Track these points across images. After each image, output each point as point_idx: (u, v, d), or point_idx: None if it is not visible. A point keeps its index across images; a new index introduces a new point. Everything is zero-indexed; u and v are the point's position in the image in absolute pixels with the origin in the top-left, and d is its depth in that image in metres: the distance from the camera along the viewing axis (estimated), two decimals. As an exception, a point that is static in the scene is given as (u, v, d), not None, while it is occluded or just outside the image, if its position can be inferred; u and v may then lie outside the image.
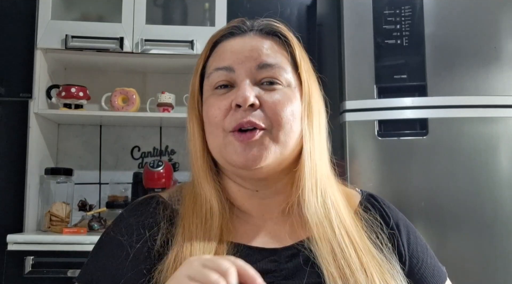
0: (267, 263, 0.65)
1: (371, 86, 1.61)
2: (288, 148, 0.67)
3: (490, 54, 1.58)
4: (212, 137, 0.69)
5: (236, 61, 0.69)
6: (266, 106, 0.67)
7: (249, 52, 0.69)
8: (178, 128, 2.21)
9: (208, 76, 0.71)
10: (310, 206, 0.67)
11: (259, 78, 0.68)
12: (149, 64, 2.10)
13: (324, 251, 0.64)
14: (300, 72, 0.71)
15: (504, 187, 1.51)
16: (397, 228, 0.72)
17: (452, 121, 1.56)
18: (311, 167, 0.68)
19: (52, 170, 1.93)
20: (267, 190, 0.71)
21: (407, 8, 1.62)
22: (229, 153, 0.67)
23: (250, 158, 0.65)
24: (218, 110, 0.68)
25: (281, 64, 0.69)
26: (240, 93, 0.66)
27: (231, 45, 0.71)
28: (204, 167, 0.71)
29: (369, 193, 0.77)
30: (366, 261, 0.64)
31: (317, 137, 0.70)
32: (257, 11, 2.09)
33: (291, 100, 0.68)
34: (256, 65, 0.68)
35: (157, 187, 1.84)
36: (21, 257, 1.58)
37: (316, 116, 0.70)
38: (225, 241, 0.66)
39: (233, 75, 0.69)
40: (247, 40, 0.71)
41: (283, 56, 0.71)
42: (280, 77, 0.69)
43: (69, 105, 1.94)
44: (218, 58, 0.71)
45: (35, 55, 1.88)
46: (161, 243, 0.66)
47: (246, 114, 0.66)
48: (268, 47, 0.70)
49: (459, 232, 1.51)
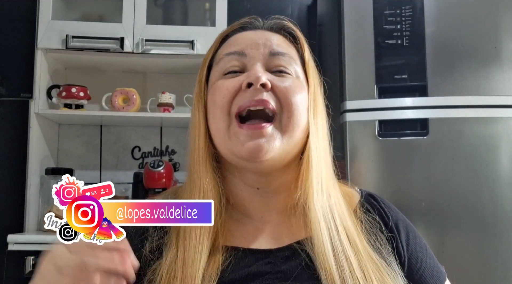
0: (263, 265, 0.64)
1: (371, 86, 1.61)
2: (294, 139, 0.66)
3: (490, 54, 1.58)
4: (215, 122, 0.66)
5: (249, 47, 0.68)
6: (278, 90, 0.66)
7: (261, 40, 0.69)
8: (179, 128, 2.21)
9: (218, 62, 0.70)
10: (316, 203, 0.65)
11: (271, 65, 0.68)
12: (149, 64, 2.10)
13: (324, 252, 0.62)
14: (307, 68, 0.71)
15: (505, 187, 1.51)
16: (397, 229, 0.71)
17: (452, 121, 1.55)
18: (317, 161, 0.67)
19: (53, 170, 1.93)
20: (268, 188, 0.69)
21: (408, 8, 1.62)
22: (234, 143, 0.64)
23: (256, 149, 0.63)
24: (226, 91, 0.66)
25: (291, 55, 0.70)
26: (253, 72, 0.65)
27: (243, 35, 0.71)
28: (205, 157, 0.67)
29: (369, 192, 0.77)
30: (365, 265, 0.63)
31: (321, 133, 0.70)
32: (257, 11, 2.09)
33: (301, 89, 0.68)
34: (269, 52, 0.68)
35: (157, 187, 1.84)
36: (21, 257, 1.58)
37: (320, 114, 0.70)
38: (220, 245, 0.64)
39: (244, 59, 0.68)
40: (259, 33, 0.71)
41: (292, 50, 0.71)
42: (290, 67, 0.68)
43: (69, 105, 1.94)
44: (229, 46, 0.71)
45: (35, 55, 1.88)
46: (150, 250, 0.65)
47: (257, 92, 0.64)
48: (278, 40, 0.71)
49: (459, 231, 1.51)
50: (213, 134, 0.68)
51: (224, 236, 0.65)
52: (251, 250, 0.66)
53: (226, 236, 0.66)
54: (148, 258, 0.64)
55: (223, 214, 0.67)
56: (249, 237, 0.68)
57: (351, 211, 0.70)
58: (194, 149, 0.69)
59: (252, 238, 0.68)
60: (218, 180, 0.67)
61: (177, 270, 0.61)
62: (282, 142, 0.65)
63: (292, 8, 2.20)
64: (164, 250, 0.64)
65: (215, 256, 0.63)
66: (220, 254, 0.63)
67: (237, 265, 0.63)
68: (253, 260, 0.64)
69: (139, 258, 0.64)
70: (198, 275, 0.60)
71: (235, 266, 0.63)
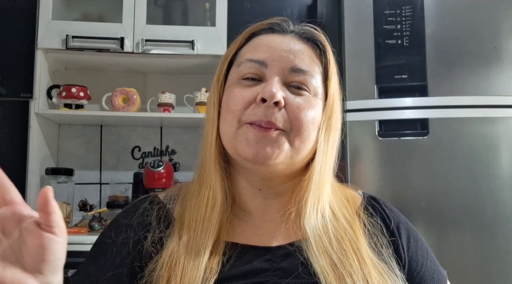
0: (262, 262, 0.65)
1: (371, 86, 1.61)
2: (301, 155, 0.67)
3: (490, 54, 1.58)
4: (225, 124, 0.68)
5: (271, 57, 0.68)
6: (289, 108, 0.66)
7: (285, 52, 0.68)
8: (179, 128, 2.21)
9: (239, 65, 0.70)
10: (310, 220, 0.66)
11: (289, 80, 0.68)
12: (149, 64, 2.10)
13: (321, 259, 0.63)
14: (329, 84, 0.70)
15: (505, 187, 1.51)
16: (398, 231, 0.71)
17: (452, 121, 1.55)
18: (319, 182, 0.68)
19: (53, 170, 1.93)
20: (270, 190, 0.71)
21: (408, 8, 1.62)
22: (241, 144, 0.65)
23: (261, 153, 0.64)
24: (240, 99, 0.66)
25: (313, 72, 0.69)
26: (269, 88, 0.65)
27: (269, 40, 0.70)
28: (215, 154, 0.69)
29: (371, 195, 0.77)
30: (368, 271, 0.63)
31: (330, 151, 0.70)
32: (258, 11, 2.09)
33: (314, 108, 0.67)
34: (290, 67, 0.68)
35: (157, 187, 1.84)
36: (21, 257, 1.58)
37: (333, 131, 0.70)
38: (222, 240, 0.66)
39: (264, 70, 0.68)
40: (286, 40, 0.70)
41: (316, 65, 0.70)
42: (309, 85, 0.68)
43: (69, 105, 1.94)
44: (253, 49, 0.70)
45: (35, 55, 1.88)
46: (152, 243, 0.66)
47: (268, 112, 0.64)
48: (304, 52, 0.70)
49: (459, 232, 1.51)
50: (222, 131, 0.69)
51: (227, 232, 0.67)
52: (251, 247, 0.67)
53: (228, 231, 0.67)
54: (150, 250, 0.65)
55: (228, 211, 0.68)
56: (249, 234, 0.69)
57: (353, 214, 0.71)
58: (204, 148, 0.71)
59: (252, 235, 0.69)
60: (225, 178, 0.69)
61: (179, 258, 0.62)
62: (288, 152, 0.65)
63: (292, 8, 2.20)
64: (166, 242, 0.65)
65: (217, 250, 0.64)
66: (222, 249, 0.65)
67: (237, 260, 0.65)
68: (253, 256, 0.65)
69: (141, 250, 0.65)
70: (201, 266, 0.61)
71: (235, 262, 0.64)
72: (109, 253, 0.67)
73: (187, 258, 0.62)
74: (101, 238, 0.71)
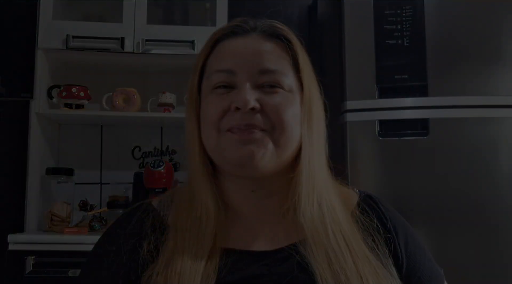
0: (259, 267, 0.64)
1: (372, 86, 1.60)
2: (287, 152, 0.67)
3: (491, 54, 1.58)
4: (206, 136, 0.69)
5: (237, 65, 0.68)
6: (268, 109, 0.66)
7: (251, 56, 0.68)
8: (179, 128, 2.19)
9: (208, 77, 0.70)
10: (306, 213, 0.66)
11: (260, 82, 0.67)
12: (150, 64, 2.10)
13: (319, 256, 0.63)
14: (302, 76, 0.70)
15: (506, 187, 1.51)
16: (394, 230, 0.71)
17: (453, 121, 1.55)
18: (309, 174, 0.67)
19: (53, 170, 1.93)
20: (263, 190, 0.70)
21: (408, 8, 1.62)
22: (224, 150, 0.66)
23: (245, 155, 0.64)
24: (214, 110, 0.67)
25: (282, 70, 0.68)
26: (241, 96, 0.65)
27: (233, 45, 0.70)
28: (201, 167, 0.69)
29: (367, 193, 0.76)
30: (362, 267, 0.63)
31: (316, 143, 0.69)
32: (258, 11, 2.09)
33: (292, 104, 0.67)
34: (258, 70, 0.67)
35: (158, 187, 1.84)
36: (22, 257, 1.58)
37: (315, 122, 0.70)
38: (218, 247, 0.65)
39: (234, 77, 0.68)
40: (249, 42, 0.70)
41: (285, 60, 0.70)
42: (281, 82, 0.68)
43: (70, 105, 1.94)
44: (219, 59, 0.70)
45: (36, 55, 1.88)
46: (147, 251, 0.65)
47: (245, 116, 0.65)
48: (270, 51, 0.69)
49: (460, 232, 1.51)
50: (205, 143, 0.69)
51: (222, 238, 0.66)
52: (248, 252, 0.66)
53: (224, 237, 0.67)
54: (146, 258, 0.64)
55: (222, 218, 0.68)
56: (246, 239, 0.68)
57: (347, 212, 0.70)
58: (190, 162, 0.71)
59: (248, 239, 0.68)
60: (215, 187, 0.69)
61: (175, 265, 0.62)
62: (274, 153, 0.65)
63: (293, 8, 2.20)
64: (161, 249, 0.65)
65: (213, 257, 0.63)
66: (218, 255, 0.64)
67: (234, 267, 0.64)
68: (250, 262, 0.65)
69: (137, 259, 0.64)
70: (198, 274, 0.61)
71: (232, 268, 0.63)
72: (104, 265, 0.66)
73: (183, 265, 0.61)
74: (95, 250, 0.70)
